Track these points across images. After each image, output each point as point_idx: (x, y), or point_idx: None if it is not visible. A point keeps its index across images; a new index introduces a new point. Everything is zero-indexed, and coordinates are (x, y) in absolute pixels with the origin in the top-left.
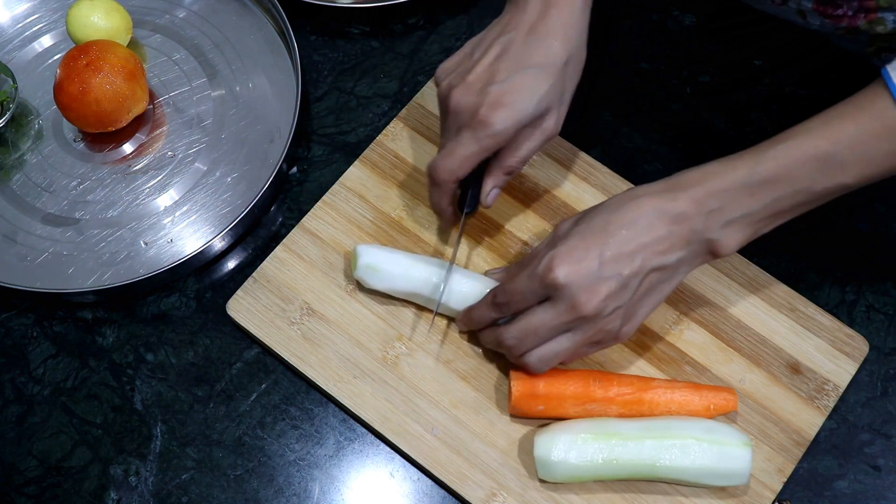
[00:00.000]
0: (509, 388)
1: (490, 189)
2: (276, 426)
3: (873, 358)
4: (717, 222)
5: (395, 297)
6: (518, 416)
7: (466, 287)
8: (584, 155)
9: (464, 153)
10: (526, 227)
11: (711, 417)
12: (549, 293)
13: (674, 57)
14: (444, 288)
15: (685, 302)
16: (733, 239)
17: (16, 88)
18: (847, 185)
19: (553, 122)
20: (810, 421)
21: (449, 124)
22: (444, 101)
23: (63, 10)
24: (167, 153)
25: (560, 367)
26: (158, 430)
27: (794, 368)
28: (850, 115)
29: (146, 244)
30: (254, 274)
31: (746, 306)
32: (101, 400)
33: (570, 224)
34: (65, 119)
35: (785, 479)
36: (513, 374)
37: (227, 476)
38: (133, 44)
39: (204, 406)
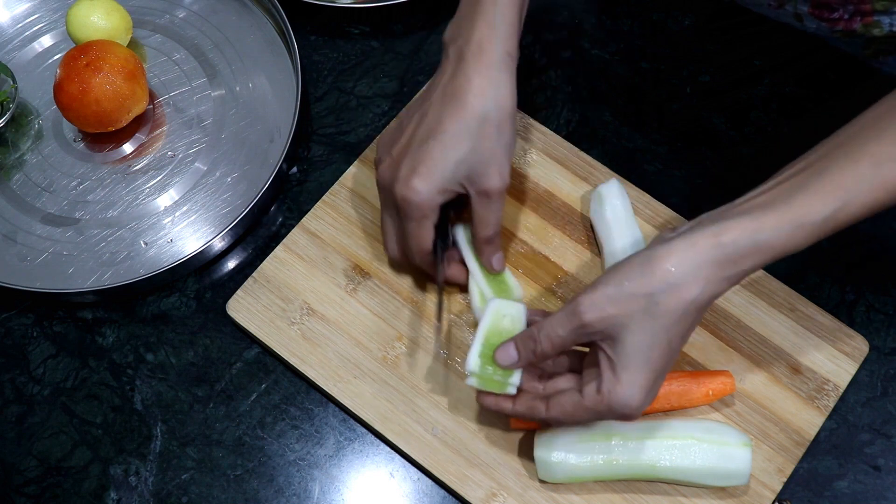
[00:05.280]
0: None
1: (489, 259)
2: (276, 426)
3: (873, 358)
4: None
5: (395, 297)
6: (521, 428)
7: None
8: (584, 155)
9: (408, 234)
10: (526, 227)
11: (711, 403)
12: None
13: (674, 57)
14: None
15: None
16: None
17: (16, 88)
18: None
19: (494, 181)
20: (810, 421)
21: (381, 200)
22: (376, 177)
23: (63, 10)
24: (167, 153)
25: None
26: (158, 430)
27: (794, 368)
28: None
29: (146, 244)
30: (254, 274)
31: (746, 306)
32: (101, 400)
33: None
34: (65, 119)
35: (785, 479)
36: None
37: (227, 476)
38: (133, 44)
39: (204, 406)
